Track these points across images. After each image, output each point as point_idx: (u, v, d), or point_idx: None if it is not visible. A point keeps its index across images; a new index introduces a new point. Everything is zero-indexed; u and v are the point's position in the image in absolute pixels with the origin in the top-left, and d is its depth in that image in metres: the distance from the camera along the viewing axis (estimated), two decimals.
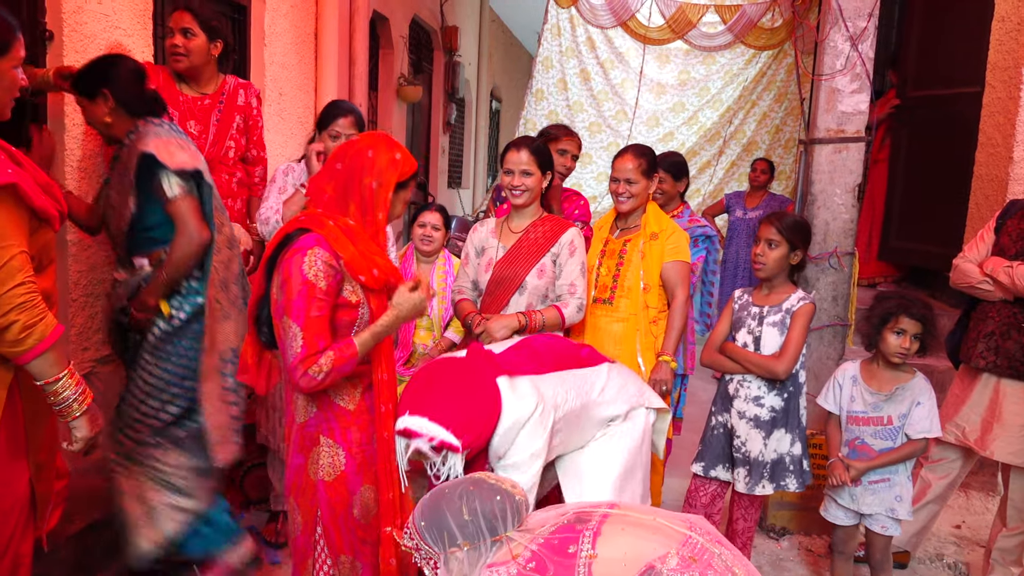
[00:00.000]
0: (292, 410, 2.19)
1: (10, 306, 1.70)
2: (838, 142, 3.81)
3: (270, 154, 4.47)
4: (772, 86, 7.77)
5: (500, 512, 1.66)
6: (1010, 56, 4.41)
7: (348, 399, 2.14)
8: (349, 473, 2.14)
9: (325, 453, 2.13)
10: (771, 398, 2.90)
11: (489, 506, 1.66)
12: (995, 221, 3.16)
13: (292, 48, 4.63)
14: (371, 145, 2.12)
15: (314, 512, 2.15)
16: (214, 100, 3.05)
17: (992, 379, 3.10)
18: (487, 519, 1.65)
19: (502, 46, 12.21)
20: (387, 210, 2.13)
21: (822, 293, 3.88)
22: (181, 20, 2.91)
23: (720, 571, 1.57)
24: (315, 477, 2.13)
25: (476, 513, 1.65)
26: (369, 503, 2.18)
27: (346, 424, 2.14)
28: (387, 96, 7.18)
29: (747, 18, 7.00)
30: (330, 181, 2.12)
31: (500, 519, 1.66)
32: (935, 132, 5.31)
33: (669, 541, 1.62)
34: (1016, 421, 3.01)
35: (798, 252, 2.90)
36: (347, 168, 2.10)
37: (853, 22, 3.74)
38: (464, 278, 3.08)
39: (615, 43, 7.81)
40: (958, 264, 3.19)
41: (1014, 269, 2.93)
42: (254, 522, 3.54)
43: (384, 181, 2.09)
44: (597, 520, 1.67)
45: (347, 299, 2.08)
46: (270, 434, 3.31)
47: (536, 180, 2.90)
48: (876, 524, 2.92)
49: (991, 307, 3.08)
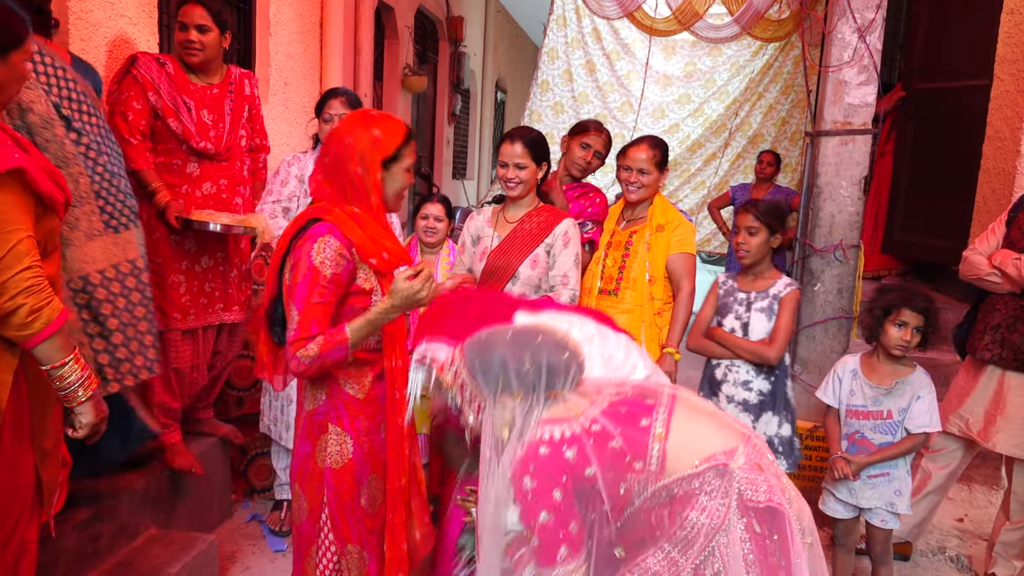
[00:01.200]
0: (302, 398, 2.19)
1: (17, 290, 1.70)
2: (845, 134, 3.79)
3: (275, 143, 4.48)
4: (779, 78, 7.73)
5: (564, 368, 1.59)
6: (1019, 49, 4.38)
7: (358, 387, 2.14)
8: (357, 462, 2.14)
9: (333, 441, 2.13)
10: (759, 382, 2.95)
11: (555, 360, 1.59)
12: (1007, 214, 3.15)
13: (297, 38, 4.63)
14: (347, 131, 2.09)
15: (320, 500, 2.15)
16: (223, 89, 3.06)
17: (997, 371, 3.09)
18: (549, 372, 1.58)
19: (507, 37, 12.17)
20: (379, 192, 2.09)
21: (827, 285, 3.88)
22: (195, 15, 2.88)
23: (782, 487, 1.56)
24: (322, 465, 2.13)
25: (539, 364, 1.58)
26: (376, 492, 2.18)
27: (355, 412, 2.14)
28: (392, 86, 7.18)
29: (754, 9, 6.95)
30: (324, 175, 2.12)
31: (562, 375, 1.59)
32: (941, 125, 5.28)
33: (735, 437, 1.59)
34: (1019, 414, 3.01)
35: (777, 235, 2.96)
36: (332, 159, 2.09)
37: (861, 14, 3.72)
38: (460, 266, 3.08)
39: (621, 34, 7.77)
40: (968, 256, 3.18)
41: (1022, 261, 2.93)
42: (258, 511, 3.56)
43: (367, 164, 2.06)
44: (668, 400, 1.62)
45: (360, 286, 2.08)
46: (272, 423, 3.33)
47: (531, 172, 2.90)
48: (876, 518, 2.93)
49: (999, 299, 3.07)
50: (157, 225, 2.92)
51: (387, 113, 2.20)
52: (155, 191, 2.86)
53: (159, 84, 2.86)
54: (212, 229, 2.89)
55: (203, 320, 3.09)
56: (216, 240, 3.08)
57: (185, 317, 3.03)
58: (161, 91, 2.86)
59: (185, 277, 3.02)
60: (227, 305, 3.17)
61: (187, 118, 2.92)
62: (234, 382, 3.67)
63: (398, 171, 2.13)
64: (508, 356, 1.58)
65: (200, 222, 2.86)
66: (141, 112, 2.84)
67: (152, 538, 2.88)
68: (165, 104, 2.87)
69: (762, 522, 1.55)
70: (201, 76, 3.00)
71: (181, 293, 3.01)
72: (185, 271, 3.02)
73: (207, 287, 3.10)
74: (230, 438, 3.41)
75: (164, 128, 2.89)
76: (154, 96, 2.85)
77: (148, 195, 2.86)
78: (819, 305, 3.91)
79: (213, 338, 3.19)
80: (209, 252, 3.09)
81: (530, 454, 1.55)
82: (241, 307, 3.23)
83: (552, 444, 1.55)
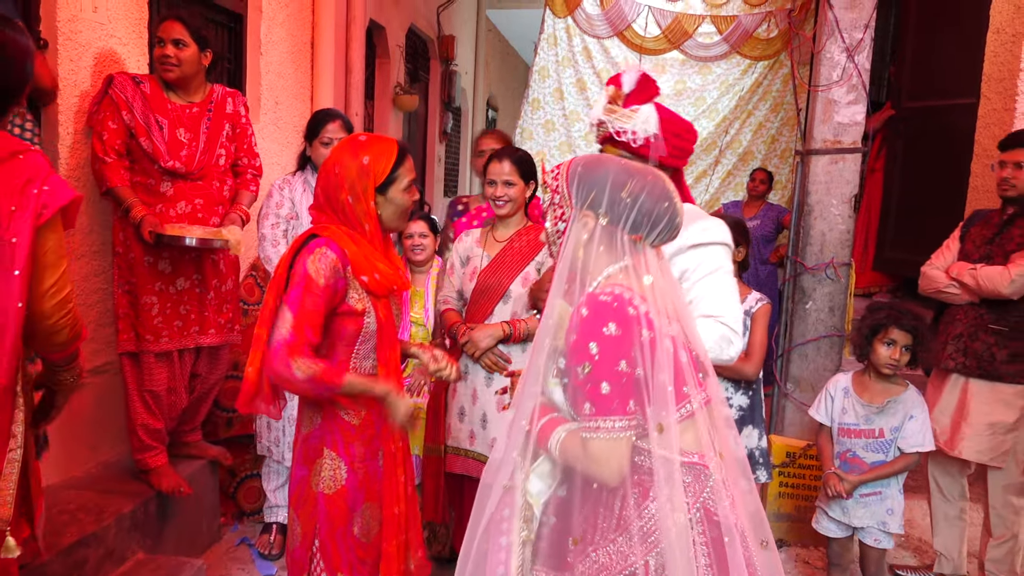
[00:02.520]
0: (300, 421, 2.17)
1: (66, 312, 1.78)
2: (834, 153, 3.81)
3: (266, 163, 4.47)
4: (768, 96, 7.77)
5: (658, 216, 1.53)
6: (1005, 67, 4.42)
7: (353, 414, 2.11)
8: (350, 488, 2.11)
9: (327, 466, 2.10)
10: (738, 397, 2.95)
11: (652, 203, 1.53)
12: (959, 230, 3.32)
13: (288, 57, 4.63)
14: (336, 160, 2.07)
15: (313, 526, 2.12)
16: (202, 108, 3.03)
17: (960, 380, 3.16)
18: (641, 212, 1.52)
19: (498, 55, 12.23)
20: (373, 219, 2.07)
21: (819, 304, 3.88)
22: (172, 30, 2.88)
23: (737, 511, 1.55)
24: (316, 489, 2.10)
25: (636, 199, 1.52)
26: (370, 522, 2.14)
27: (350, 439, 2.11)
28: (383, 105, 7.19)
29: (743, 28, 7.01)
30: (319, 204, 2.11)
31: (653, 222, 1.53)
32: (930, 143, 5.32)
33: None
34: (983, 420, 3.07)
35: (740, 249, 2.98)
36: (324, 191, 2.08)
37: (849, 34, 3.75)
38: (449, 288, 3.07)
39: (611, 53, 7.80)
40: (926, 271, 3.31)
41: (978, 271, 3.03)
42: (247, 534, 3.52)
43: (358, 193, 2.04)
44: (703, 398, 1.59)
45: (352, 307, 2.05)
46: (274, 444, 3.30)
47: (519, 190, 2.90)
48: (869, 537, 2.92)
49: (958, 310, 3.17)
50: (133, 245, 2.90)
51: (377, 135, 2.16)
52: (130, 207, 2.83)
53: (133, 103, 2.85)
54: (188, 244, 2.84)
55: (178, 343, 3.03)
56: (192, 261, 3.04)
57: (158, 339, 2.97)
58: (135, 110, 2.85)
59: (158, 298, 2.97)
60: (203, 328, 3.10)
61: (158, 136, 2.89)
62: (223, 403, 3.63)
63: (396, 193, 2.10)
64: (610, 176, 1.54)
65: (173, 236, 2.81)
66: (116, 132, 2.83)
67: (139, 563, 2.84)
68: (138, 123, 2.85)
69: (714, 536, 1.52)
70: (181, 94, 2.98)
71: (154, 315, 2.96)
72: (159, 292, 2.97)
73: (182, 309, 3.03)
74: (219, 460, 3.37)
75: (136, 146, 2.88)
76: (128, 115, 2.84)
77: (124, 212, 2.84)
78: (811, 323, 3.91)
79: (191, 361, 3.13)
80: (185, 274, 3.03)
81: (600, 295, 1.50)
82: (219, 330, 3.16)
83: (620, 300, 1.48)
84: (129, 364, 2.97)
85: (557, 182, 1.61)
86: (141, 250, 2.90)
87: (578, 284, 1.57)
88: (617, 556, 1.52)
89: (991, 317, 3.05)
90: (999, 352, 3.03)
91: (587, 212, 1.56)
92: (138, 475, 3.07)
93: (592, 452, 1.48)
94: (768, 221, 6.20)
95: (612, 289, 1.50)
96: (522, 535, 1.61)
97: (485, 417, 2.89)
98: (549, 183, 1.63)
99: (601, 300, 1.48)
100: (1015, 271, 2.91)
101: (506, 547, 1.61)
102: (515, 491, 1.61)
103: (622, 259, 1.55)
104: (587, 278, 1.56)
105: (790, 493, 3.80)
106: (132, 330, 2.94)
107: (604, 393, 1.46)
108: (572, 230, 1.57)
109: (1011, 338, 3.02)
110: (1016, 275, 2.90)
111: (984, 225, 3.21)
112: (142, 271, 2.93)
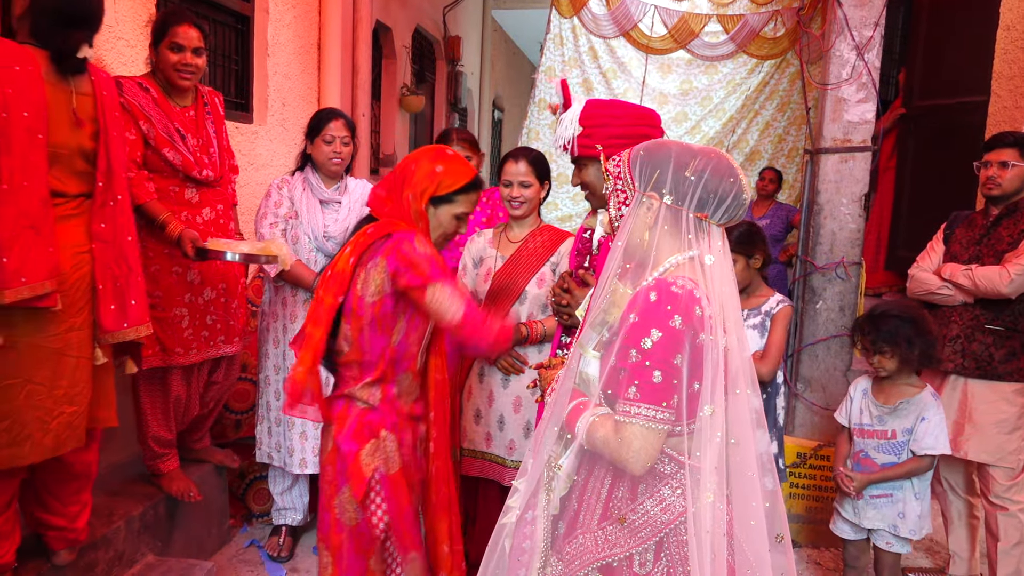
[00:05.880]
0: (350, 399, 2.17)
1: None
2: (844, 151, 3.78)
3: (273, 164, 4.47)
4: (775, 95, 7.75)
5: (723, 192, 1.51)
6: (1016, 65, 4.39)
7: (406, 398, 2.17)
8: (405, 471, 2.15)
9: (386, 447, 2.12)
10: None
11: (718, 180, 1.51)
12: (942, 232, 3.30)
13: (295, 58, 4.62)
14: (416, 157, 2.13)
15: (367, 503, 2.08)
16: (199, 111, 2.93)
17: (960, 381, 3.14)
18: (707, 189, 1.50)
19: (504, 56, 12.22)
20: (425, 221, 2.10)
21: (829, 303, 3.85)
22: (192, 37, 2.77)
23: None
24: (372, 469, 2.08)
25: (701, 177, 1.50)
26: (417, 504, 2.22)
27: (402, 425, 2.15)
28: (390, 106, 7.18)
29: (749, 27, 6.99)
30: (386, 190, 2.13)
31: (719, 199, 1.51)
32: (941, 141, 5.28)
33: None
34: (988, 420, 3.06)
35: (757, 256, 2.95)
36: (394, 177, 2.11)
37: (859, 31, 3.72)
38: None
39: (617, 53, 7.79)
40: (915, 274, 3.29)
41: (973, 271, 3.02)
42: (256, 536, 3.51)
43: (416, 193, 2.08)
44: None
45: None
46: (273, 451, 3.27)
47: (535, 191, 2.89)
48: (880, 540, 2.90)
49: (953, 312, 3.15)
50: (155, 257, 2.80)
51: (463, 158, 2.19)
52: (165, 223, 2.70)
53: (149, 112, 2.73)
54: (231, 259, 2.72)
55: (203, 354, 2.96)
56: (219, 270, 2.98)
57: (187, 352, 2.90)
58: (153, 120, 2.74)
59: (188, 310, 2.89)
60: (228, 337, 3.06)
61: (182, 147, 2.80)
62: (232, 405, 3.63)
63: (445, 213, 2.13)
64: (673, 156, 1.53)
65: (216, 251, 2.68)
66: (135, 143, 2.69)
67: (149, 565, 2.84)
68: (158, 134, 2.74)
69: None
70: (176, 99, 2.87)
71: (184, 327, 2.88)
72: (188, 304, 2.89)
73: (209, 319, 2.97)
74: (227, 463, 3.36)
75: (156, 157, 2.76)
76: (146, 125, 2.72)
77: (159, 227, 2.72)
78: (821, 323, 3.88)
79: (208, 370, 3.08)
80: (212, 283, 2.96)
81: (672, 284, 1.48)
82: (240, 338, 3.13)
83: (691, 297, 1.47)
84: (144, 377, 2.86)
85: (619, 168, 1.59)
86: (165, 262, 2.82)
87: (639, 266, 1.56)
88: (603, 543, 1.55)
89: (988, 317, 3.04)
90: (996, 351, 3.03)
91: (651, 193, 1.54)
92: (147, 478, 3.06)
93: (626, 436, 1.47)
94: (778, 220, 6.17)
95: (684, 283, 1.48)
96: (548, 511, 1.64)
97: (502, 419, 2.88)
98: (611, 170, 1.61)
99: (673, 291, 1.47)
100: (1014, 270, 2.90)
101: (531, 521, 1.64)
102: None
103: (687, 244, 1.53)
104: (651, 262, 1.54)
105: (801, 494, 3.77)
106: (157, 344, 2.82)
107: (655, 382, 1.45)
108: (634, 212, 1.55)
109: (1007, 337, 3.02)
110: (1015, 274, 2.89)
111: (968, 226, 3.20)
112: (169, 283, 2.84)
